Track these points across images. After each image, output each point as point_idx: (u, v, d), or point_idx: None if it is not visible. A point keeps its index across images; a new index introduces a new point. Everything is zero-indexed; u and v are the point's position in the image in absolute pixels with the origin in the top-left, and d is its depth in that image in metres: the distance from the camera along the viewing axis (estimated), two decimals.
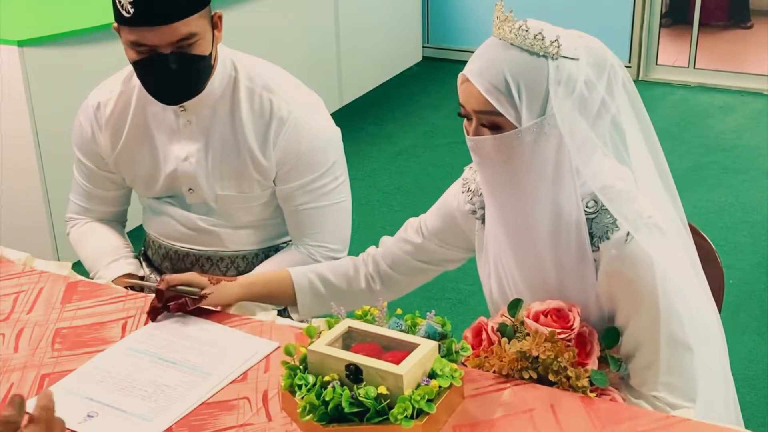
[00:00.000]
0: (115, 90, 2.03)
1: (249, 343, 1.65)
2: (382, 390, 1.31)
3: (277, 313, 1.80)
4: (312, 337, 1.44)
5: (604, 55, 1.48)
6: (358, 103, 5.52)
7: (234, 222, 2.06)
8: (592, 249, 1.50)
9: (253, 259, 2.10)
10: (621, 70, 1.49)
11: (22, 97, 3.34)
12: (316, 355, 1.38)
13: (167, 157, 2.02)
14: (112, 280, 2.02)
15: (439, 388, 1.34)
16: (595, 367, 1.49)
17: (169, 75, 1.84)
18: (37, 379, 1.57)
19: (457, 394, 1.41)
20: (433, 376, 1.36)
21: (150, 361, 1.61)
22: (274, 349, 1.62)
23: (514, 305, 1.56)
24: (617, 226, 1.48)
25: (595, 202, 1.50)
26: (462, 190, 1.72)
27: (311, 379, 1.37)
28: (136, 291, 1.95)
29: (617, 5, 5.62)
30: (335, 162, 2.03)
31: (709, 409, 1.52)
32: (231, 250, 2.09)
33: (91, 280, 1.96)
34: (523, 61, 1.42)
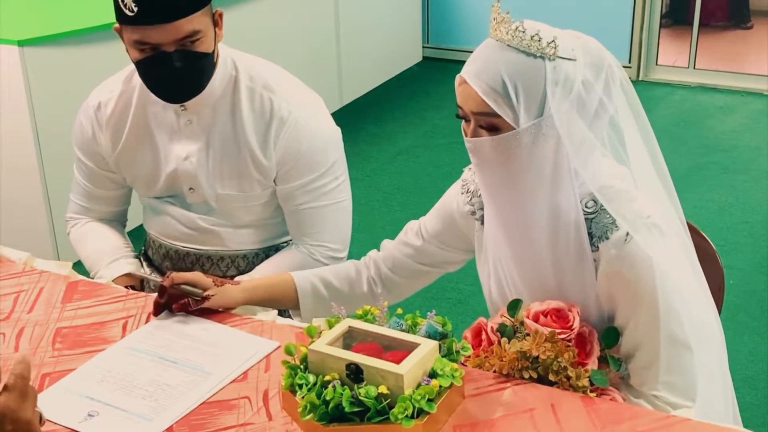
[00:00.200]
0: (116, 90, 2.04)
1: (249, 342, 1.65)
2: (383, 389, 1.31)
3: (278, 313, 1.80)
4: (312, 336, 1.45)
5: (602, 55, 1.47)
6: (358, 103, 5.51)
7: (234, 221, 2.07)
8: (592, 249, 1.50)
9: (253, 258, 2.11)
10: (619, 70, 1.48)
11: (22, 97, 3.34)
12: (317, 354, 1.39)
13: (168, 157, 2.02)
14: (112, 279, 2.02)
15: (440, 387, 1.34)
16: (595, 367, 1.49)
17: (173, 73, 1.84)
18: (38, 378, 1.57)
19: (458, 394, 1.41)
20: (433, 375, 1.36)
21: (150, 360, 1.61)
22: (274, 348, 1.63)
23: (514, 306, 1.56)
24: (617, 226, 1.48)
25: (595, 203, 1.50)
26: (461, 191, 1.72)
27: (312, 378, 1.37)
28: (137, 290, 1.95)
29: (617, 5, 5.61)
30: (335, 162, 2.03)
31: (708, 408, 1.52)
32: (231, 250, 2.09)
33: (91, 280, 1.96)
34: (521, 63, 1.42)
